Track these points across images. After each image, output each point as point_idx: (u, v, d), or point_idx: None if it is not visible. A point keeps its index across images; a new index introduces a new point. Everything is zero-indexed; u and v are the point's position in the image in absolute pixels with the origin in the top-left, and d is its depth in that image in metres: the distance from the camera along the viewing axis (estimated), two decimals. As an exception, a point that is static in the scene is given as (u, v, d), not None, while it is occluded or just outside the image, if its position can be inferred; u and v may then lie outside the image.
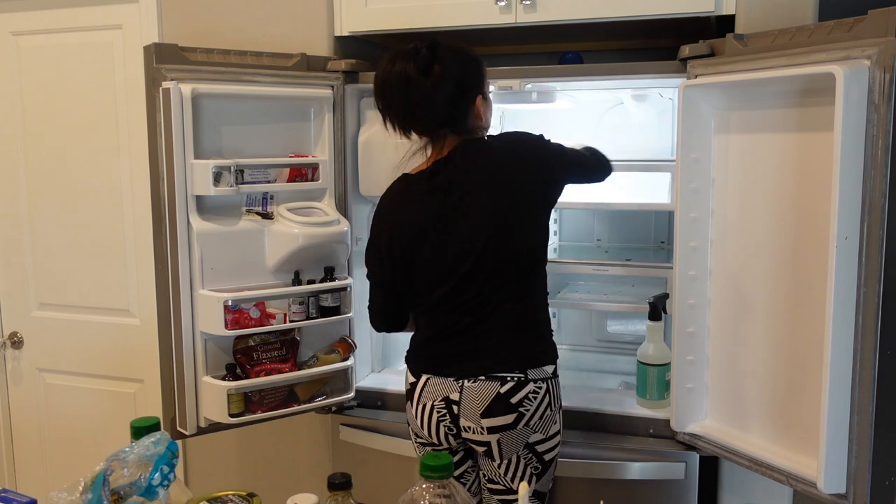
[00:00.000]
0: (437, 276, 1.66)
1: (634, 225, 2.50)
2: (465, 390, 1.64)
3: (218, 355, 1.95)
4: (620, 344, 2.55)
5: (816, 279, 1.52)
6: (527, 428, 1.63)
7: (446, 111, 1.62)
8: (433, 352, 1.71)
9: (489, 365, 1.63)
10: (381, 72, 1.63)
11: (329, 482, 1.14)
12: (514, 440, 1.63)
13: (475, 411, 1.63)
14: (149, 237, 1.92)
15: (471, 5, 2.00)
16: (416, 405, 1.71)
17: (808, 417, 1.58)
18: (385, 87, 1.63)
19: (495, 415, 1.62)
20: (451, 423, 1.67)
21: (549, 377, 1.66)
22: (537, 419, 1.63)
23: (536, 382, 1.63)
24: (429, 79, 1.58)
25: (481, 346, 1.65)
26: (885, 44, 1.40)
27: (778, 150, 1.64)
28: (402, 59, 1.59)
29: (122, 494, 1.13)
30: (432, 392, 1.68)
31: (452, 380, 1.66)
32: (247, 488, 1.25)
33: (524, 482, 1.39)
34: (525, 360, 1.64)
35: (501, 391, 1.62)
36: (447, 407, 1.66)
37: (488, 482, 1.72)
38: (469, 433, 1.66)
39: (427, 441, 1.73)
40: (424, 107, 1.61)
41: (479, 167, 1.64)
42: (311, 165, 2.03)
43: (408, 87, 1.59)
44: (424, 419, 1.70)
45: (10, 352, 2.65)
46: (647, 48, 2.39)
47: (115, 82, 2.38)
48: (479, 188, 1.63)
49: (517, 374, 1.63)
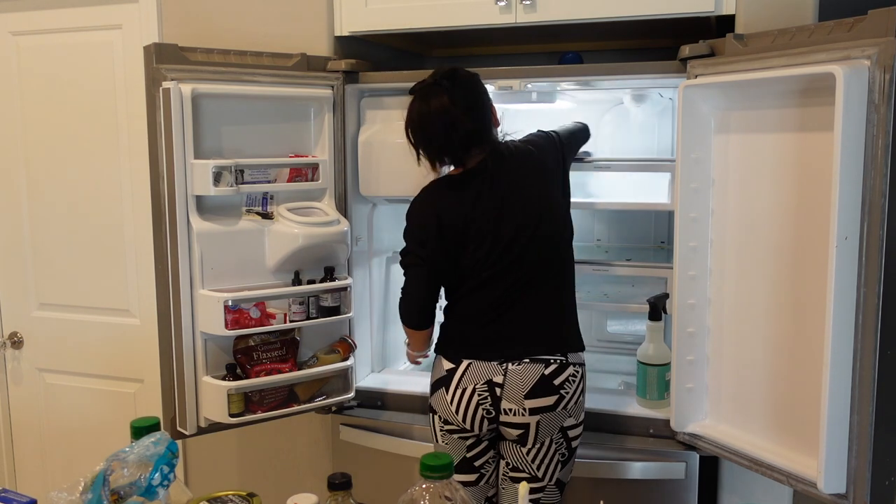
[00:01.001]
0: (481, 262, 1.73)
1: (634, 225, 2.51)
2: (510, 373, 1.71)
3: (218, 355, 1.96)
4: (620, 344, 2.55)
5: (816, 279, 1.52)
6: (564, 411, 1.72)
7: (476, 129, 1.73)
8: (475, 337, 1.76)
9: (533, 348, 1.72)
10: (415, 111, 1.74)
11: (329, 482, 1.14)
12: (553, 422, 1.71)
13: (519, 393, 1.70)
14: (149, 237, 1.92)
15: (471, 5, 2.00)
16: (453, 390, 1.75)
17: (808, 417, 1.57)
18: (424, 123, 1.73)
19: (539, 395, 1.69)
20: (491, 406, 1.72)
21: (582, 363, 1.76)
22: (573, 403, 1.72)
23: (575, 366, 1.74)
24: (459, 106, 1.70)
25: (524, 330, 1.74)
26: (885, 44, 1.40)
27: (778, 150, 1.64)
28: (434, 95, 1.71)
29: (122, 494, 1.13)
30: (475, 376, 1.73)
31: (496, 363, 1.72)
32: (247, 488, 1.25)
33: (524, 482, 1.40)
34: (564, 344, 1.74)
35: (546, 373, 1.70)
36: (490, 390, 1.71)
37: (511, 470, 1.76)
38: (509, 416, 1.71)
39: (458, 427, 1.76)
40: (459, 133, 1.71)
41: (518, 165, 1.77)
42: (311, 165, 2.03)
43: (446, 118, 1.70)
44: (462, 403, 1.73)
45: (10, 352, 2.65)
46: (647, 48, 2.39)
47: (115, 82, 2.38)
48: (521, 184, 1.75)
49: (559, 357, 1.72)
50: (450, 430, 1.78)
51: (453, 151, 1.75)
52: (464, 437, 1.76)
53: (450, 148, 1.74)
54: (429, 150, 1.76)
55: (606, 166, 2.10)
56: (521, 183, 1.75)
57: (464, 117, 1.71)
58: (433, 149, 1.76)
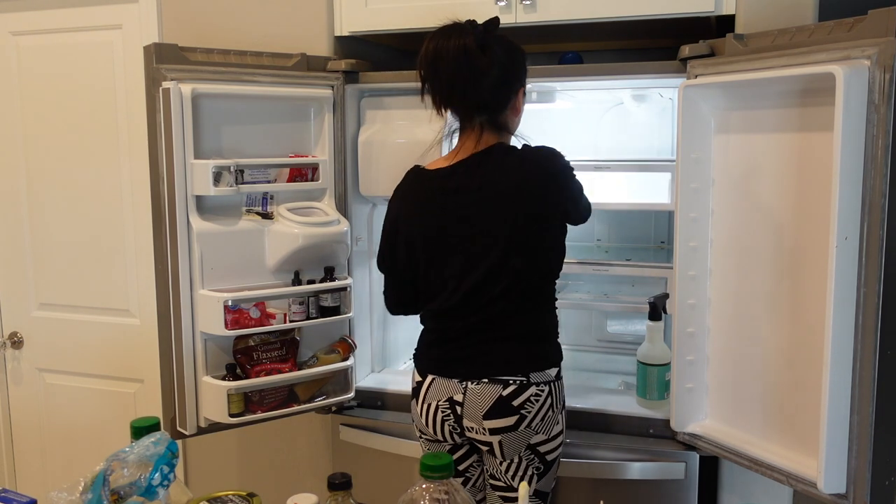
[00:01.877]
0: (444, 282, 1.66)
1: (634, 225, 2.50)
2: (469, 392, 1.65)
3: (218, 355, 1.95)
4: (620, 344, 2.55)
5: (816, 279, 1.52)
6: (528, 430, 1.63)
7: (490, 94, 1.61)
8: (438, 354, 1.71)
9: (491, 369, 1.64)
10: (433, 44, 1.59)
11: (329, 482, 1.14)
12: (516, 441, 1.64)
13: (477, 413, 1.64)
14: (149, 237, 1.92)
15: (471, 5, 2.00)
16: (421, 403, 1.72)
17: (808, 417, 1.58)
18: (438, 58, 1.58)
19: (497, 416, 1.62)
20: (455, 423, 1.68)
21: (552, 380, 1.66)
22: (539, 421, 1.64)
23: (539, 385, 1.63)
24: (485, 55, 1.57)
25: (484, 350, 1.65)
26: (885, 44, 1.40)
27: (778, 150, 1.64)
28: (458, 34, 1.57)
29: (122, 494, 1.13)
30: (437, 392, 1.69)
31: (456, 381, 1.66)
32: (247, 488, 1.25)
33: (524, 482, 1.39)
34: (527, 364, 1.64)
35: (503, 394, 1.62)
36: (451, 407, 1.67)
37: (491, 478, 1.72)
38: (472, 433, 1.67)
39: (432, 438, 1.73)
40: (475, 82, 1.58)
41: (504, 177, 1.62)
42: (311, 165, 2.03)
43: (465, 59, 1.56)
44: (430, 418, 1.70)
45: (10, 352, 2.65)
46: (647, 48, 2.39)
47: (115, 82, 2.38)
48: (498, 199, 1.61)
49: (519, 378, 1.63)
50: (427, 439, 1.76)
51: (459, 101, 1.61)
52: (441, 444, 1.73)
53: (457, 95, 1.59)
54: (437, 88, 1.61)
55: (606, 166, 2.10)
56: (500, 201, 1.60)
57: (487, 67, 1.56)
58: (440, 86, 1.60)
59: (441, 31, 1.60)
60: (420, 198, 1.69)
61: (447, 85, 1.61)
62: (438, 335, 1.72)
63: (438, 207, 1.65)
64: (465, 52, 1.56)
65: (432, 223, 1.66)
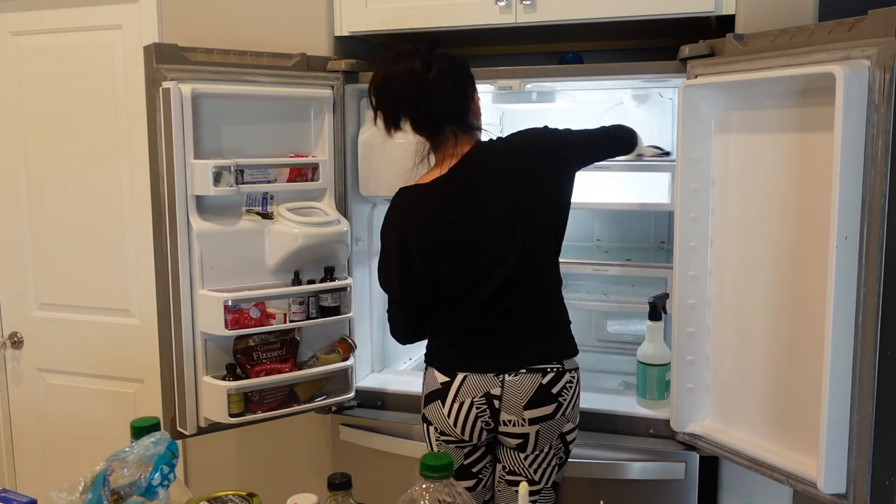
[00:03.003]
0: (468, 280, 1.67)
1: (634, 225, 2.50)
2: (507, 385, 1.67)
3: (218, 355, 1.95)
4: (620, 344, 2.55)
5: (816, 279, 1.52)
6: (562, 418, 1.69)
7: (452, 104, 1.67)
8: (465, 351, 1.71)
9: (529, 358, 1.68)
10: (382, 70, 1.66)
11: (329, 482, 1.14)
12: (551, 430, 1.69)
13: (518, 404, 1.66)
14: (149, 237, 1.92)
15: (471, 5, 2.00)
16: (450, 404, 1.70)
17: (808, 417, 1.57)
18: (387, 84, 1.65)
19: (538, 405, 1.66)
20: (490, 419, 1.69)
21: (577, 367, 1.73)
22: (571, 409, 1.70)
23: (571, 372, 1.70)
24: (430, 74, 1.62)
25: (518, 340, 1.69)
26: (885, 44, 1.40)
27: (778, 150, 1.64)
28: (405, 58, 1.64)
29: (122, 494, 1.13)
30: (471, 389, 1.69)
31: (492, 375, 1.68)
32: (247, 488, 1.25)
33: (524, 482, 1.40)
34: (560, 351, 1.70)
35: (543, 382, 1.66)
36: (488, 402, 1.68)
37: (508, 474, 1.75)
38: (508, 426, 1.69)
39: (456, 438, 1.73)
40: (432, 100, 1.64)
41: (498, 167, 1.67)
42: (311, 165, 2.03)
43: (413, 82, 1.62)
44: (460, 417, 1.69)
45: (10, 352, 2.65)
46: (647, 48, 2.39)
47: (115, 82, 2.38)
48: (501, 189, 1.66)
49: (556, 365, 1.68)
50: (447, 441, 1.74)
51: (422, 121, 1.66)
52: (461, 446, 1.73)
53: (414, 112, 1.65)
54: (385, 109, 1.67)
55: (606, 166, 2.10)
56: (504, 188, 1.65)
57: (436, 85, 1.62)
58: (393, 110, 1.66)
59: (388, 59, 1.66)
60: (427, 209, 1.69)
61: (401, 109, 1.66)
62: (461, 333, 1.72)
63: (450, 211, 1.67)
64: (412, 73, 1.62)
65: (449, 227, 1.67)
